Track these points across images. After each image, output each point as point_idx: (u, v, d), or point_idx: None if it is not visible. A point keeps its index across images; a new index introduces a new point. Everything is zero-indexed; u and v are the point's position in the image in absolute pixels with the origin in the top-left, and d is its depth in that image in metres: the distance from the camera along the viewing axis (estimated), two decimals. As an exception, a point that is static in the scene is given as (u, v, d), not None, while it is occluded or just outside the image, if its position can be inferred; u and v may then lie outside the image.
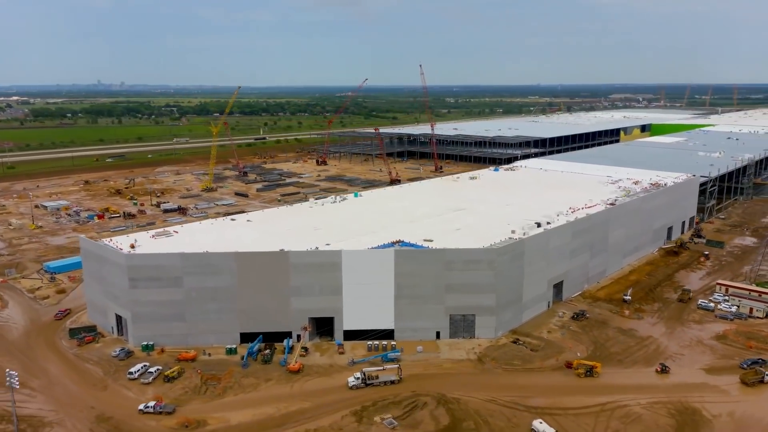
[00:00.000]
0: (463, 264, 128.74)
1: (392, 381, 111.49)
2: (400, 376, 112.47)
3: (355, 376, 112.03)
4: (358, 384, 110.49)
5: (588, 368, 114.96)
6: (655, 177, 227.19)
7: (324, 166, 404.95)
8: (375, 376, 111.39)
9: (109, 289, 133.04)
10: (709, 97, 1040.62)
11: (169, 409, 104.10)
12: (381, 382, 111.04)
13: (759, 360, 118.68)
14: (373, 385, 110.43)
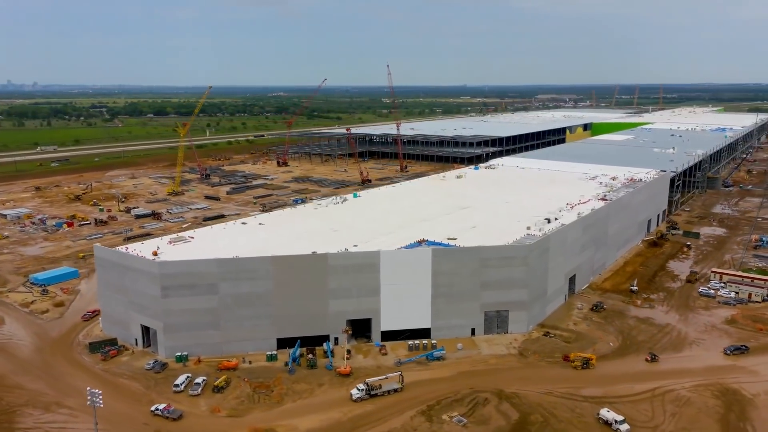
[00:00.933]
0: (497, 261, 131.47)
1: (395, 389, 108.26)
2: (402, 384, 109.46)
3: (359, 387, 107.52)
4: (362, 396, 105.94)
5: (584, 360, 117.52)
6: (627, 173, 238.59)
7: (286, 168, 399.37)
8: (378, 385, 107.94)
9: (134, 299, 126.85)
10: (636, 96, 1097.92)
11: (175, 415, 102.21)
12: (384, 392, 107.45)
13: (742, 346, 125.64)
14: (377, 396, 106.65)
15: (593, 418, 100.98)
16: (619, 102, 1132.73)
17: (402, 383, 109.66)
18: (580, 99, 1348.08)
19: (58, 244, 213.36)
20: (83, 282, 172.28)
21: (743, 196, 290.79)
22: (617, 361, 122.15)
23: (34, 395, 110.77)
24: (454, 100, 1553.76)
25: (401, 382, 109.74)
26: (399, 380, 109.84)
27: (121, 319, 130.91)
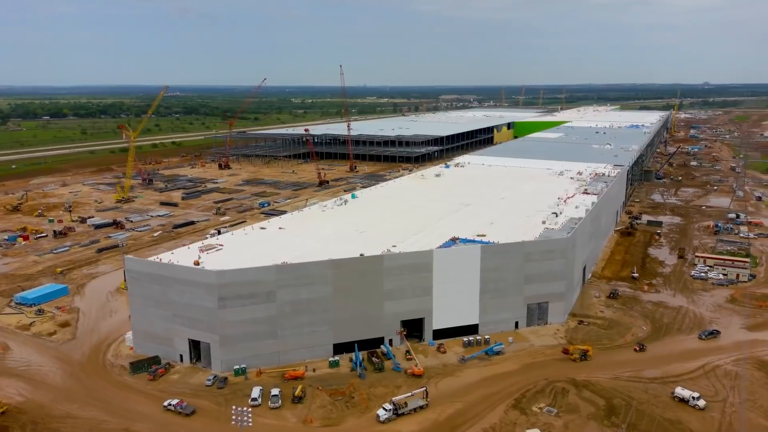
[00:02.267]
0: (540, 254, 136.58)
1: (420, 407, 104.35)
2: (427, 401, 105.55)
3: (385, 408, 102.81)
4: (389, 416, 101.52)
5: (582, 352, 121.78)
6: (587, 168, 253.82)
7: (229, 171, 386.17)
8: (404, 403, 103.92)
9: (181, 312, 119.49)
10: (541, 96, 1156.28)
11: (188, 410, 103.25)
12: (411, 410, 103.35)
13: (714, 330, 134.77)
14: (404, 415, 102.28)
15: (668, 397, 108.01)
16: (519, 102, 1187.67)
17: (427, 399, 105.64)
18: (483, 99, 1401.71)
19: (22, 259, 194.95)
20: (77, 299, 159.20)
21: (678, 187, 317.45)
22: (658, 343, 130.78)
23: (95, 424, 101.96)
24: (361, 100, 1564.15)
25: (426, 398, 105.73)
26: (423, 396, 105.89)
27: (162, 335, 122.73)
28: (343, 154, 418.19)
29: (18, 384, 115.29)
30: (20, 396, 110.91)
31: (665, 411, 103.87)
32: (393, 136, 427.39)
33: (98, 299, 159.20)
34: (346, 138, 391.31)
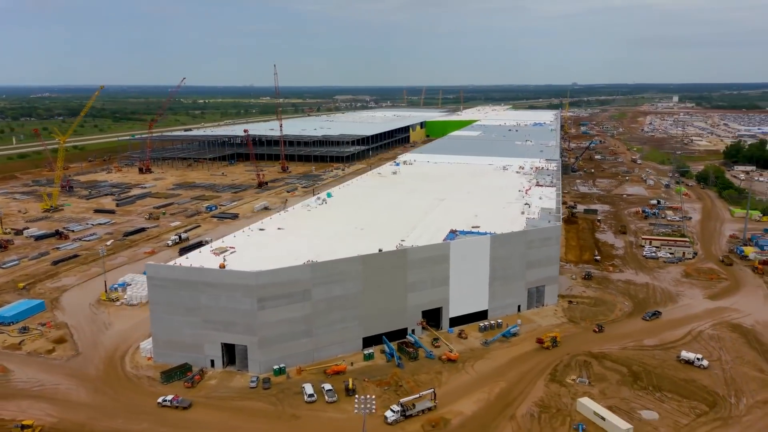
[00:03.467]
0: (539, 242, 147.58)
1: (429, 408, 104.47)
2: (435, 403, 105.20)
3: (393, 409, 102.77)
4: (397, 418, 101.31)
5: (552, 339, 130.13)
6: (524, 162, 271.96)
7: (151, 174, 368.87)
8: (412, 405, 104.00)
9: (214, 317, 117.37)
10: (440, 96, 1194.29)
11: (185, 404, 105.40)
12: (419, 411, 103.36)
13: (656, 311, 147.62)
14: (412, 416, 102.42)
15: (675, 360, 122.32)
16: (420, 102, 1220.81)
17: (435, 401, 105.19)
18: (379, 99, 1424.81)
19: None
20: (58, 314, 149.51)
21: (593, 179, 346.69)
22: (635, 321, 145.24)
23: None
24: (254, 100, 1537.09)
25: (434, 399, 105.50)
26: (432, 398, 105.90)
27: (188, 342, 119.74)
28: (270, 155, 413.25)
29: (40, 405, 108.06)
30: (50, 417, 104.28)
31: (677, 372, 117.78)
32: (320, 136, 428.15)
33: (82, 312, 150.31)
34: (277, 138, 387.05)
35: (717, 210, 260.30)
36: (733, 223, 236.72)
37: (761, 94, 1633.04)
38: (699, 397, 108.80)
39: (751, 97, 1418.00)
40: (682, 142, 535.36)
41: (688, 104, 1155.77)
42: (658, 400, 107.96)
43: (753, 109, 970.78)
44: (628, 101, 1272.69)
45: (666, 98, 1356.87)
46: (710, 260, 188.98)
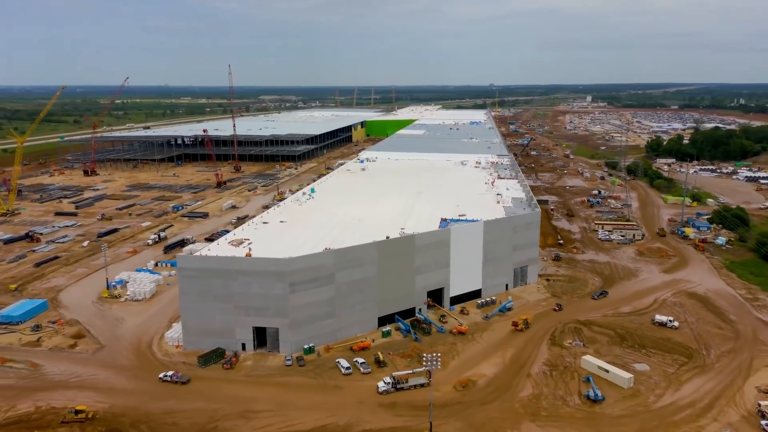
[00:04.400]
0: (523, 226, 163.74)
1: (422, 384, 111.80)
2: (429, 380, 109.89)
3: (385, 381, 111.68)
4: (388, 389, 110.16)
5: (524, 321, 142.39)
6: (480, 158, 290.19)
7: (97, 176, 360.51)
8: (405, 379, 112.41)
9: (246, 303, 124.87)
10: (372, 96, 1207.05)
11: (184, 379, 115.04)
12: (411, 386, 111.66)
13: (603, 291, 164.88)
14: (403, 389, 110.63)
15: (650, 323, 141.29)
16: (353, 102, 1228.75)
17: (429, 379, 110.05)
18: (307, 99, 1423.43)
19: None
20: (64, 312, 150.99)
21: (535, 173, 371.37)
22: (612, 290, 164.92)
23: (211, 412, 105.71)
24: (175, 100, 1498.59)
25: (428, 377, 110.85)
26: (426, 375, 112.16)
27: (219, 328, 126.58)
28: (220, 155, 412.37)
29: (86, 393, 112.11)
30: (100, 403, 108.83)
31: (654, 333, 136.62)
32: (269, 136, 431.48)
33: (88, 310, 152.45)
34: (224, 138, 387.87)
35: (651, 198, 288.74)
36: (667, 208, 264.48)
37: (662, 93, 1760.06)
38: (677, 351, 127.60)
39: (654, 97, 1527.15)
40: (604, 138, 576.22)
41: (601, 104, 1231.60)
42: (645, 355, 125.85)
43: (659, 108, 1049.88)
44: (546, 101, 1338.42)
45: (580, 98, 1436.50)
46: (657, 241, 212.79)
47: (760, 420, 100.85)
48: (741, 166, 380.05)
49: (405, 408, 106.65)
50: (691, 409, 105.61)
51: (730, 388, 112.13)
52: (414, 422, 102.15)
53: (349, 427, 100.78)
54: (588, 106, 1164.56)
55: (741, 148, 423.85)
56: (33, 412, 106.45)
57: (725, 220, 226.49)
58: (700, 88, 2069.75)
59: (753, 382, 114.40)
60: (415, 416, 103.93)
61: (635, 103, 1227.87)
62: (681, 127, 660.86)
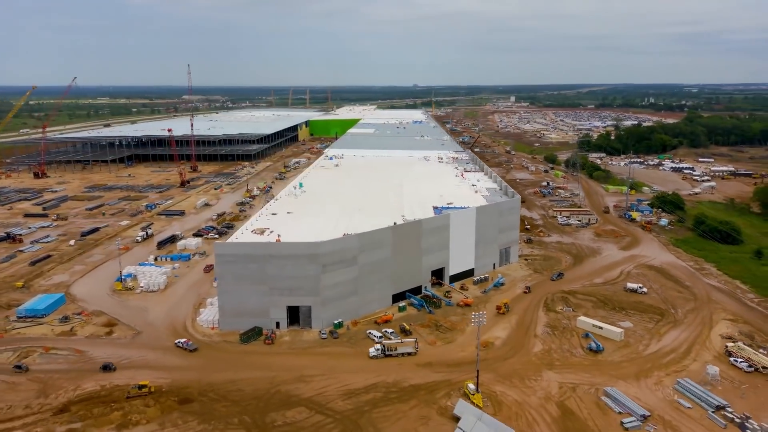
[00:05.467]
0: (506, 211, 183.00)
1: (409, 353, 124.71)
2: (416, 349, 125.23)
3: (376, 347, 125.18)
4: (378, 354, 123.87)
5: (505, 305, 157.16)
6: (440, 155, 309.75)
7: (50, 179, 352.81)
8: (394, 348, 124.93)
9: (280, 284, 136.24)
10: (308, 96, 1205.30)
11: (192, 347, 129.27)
12: (399, 354, 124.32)
13: (560, 273, 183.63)
14: (392, 356, 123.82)
15: (623, 290, 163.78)
16: (289, 102, 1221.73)
17: (416, 348, 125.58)
18: (235, 99, 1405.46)
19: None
20: (84, 305, 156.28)
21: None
22: (583, 266, 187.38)
23: (270, 378, 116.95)
24: (92, 101, 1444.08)
25: (416, 347, 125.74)
26: (414, 346, 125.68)
27: (255, 309, 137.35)
28: (173, 155, 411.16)
29: (143, 372, 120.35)
30: (161, 379, 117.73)
31: (628, 298, 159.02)
32: (221, 135, 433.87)
33: (108, 302, 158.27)
34: (177, 138, 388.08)
35: (594, 188, 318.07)
36: (609, 196, 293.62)
37: (576, 93, 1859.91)
38: (651, 311, 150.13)
39: (570, 97, 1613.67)
40: (536, 135, 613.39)
41: (524, 103, 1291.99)
42: (626, 315, 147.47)
43: (578, 107, 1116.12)
44: (471, 101, 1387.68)
45: (503, 98, 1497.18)
46: (609, 223, 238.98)
47: (729, 358, 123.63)
48: (664, 159, 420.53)
49: (439, 366, 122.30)
50: (674, 354, 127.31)
51: (700, 337, 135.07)
52: (450, 377, 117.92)
53: (397, 383, 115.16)
54: (512, 106, 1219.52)
55: (661, 142, 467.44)
56: (99, 390, 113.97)
57: (664, 205, 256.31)
58: (609, 88, 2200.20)
59: (716, 331, 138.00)
60: (449, 372, 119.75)
61: (555, 102, 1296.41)
62: (601, 124, 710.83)
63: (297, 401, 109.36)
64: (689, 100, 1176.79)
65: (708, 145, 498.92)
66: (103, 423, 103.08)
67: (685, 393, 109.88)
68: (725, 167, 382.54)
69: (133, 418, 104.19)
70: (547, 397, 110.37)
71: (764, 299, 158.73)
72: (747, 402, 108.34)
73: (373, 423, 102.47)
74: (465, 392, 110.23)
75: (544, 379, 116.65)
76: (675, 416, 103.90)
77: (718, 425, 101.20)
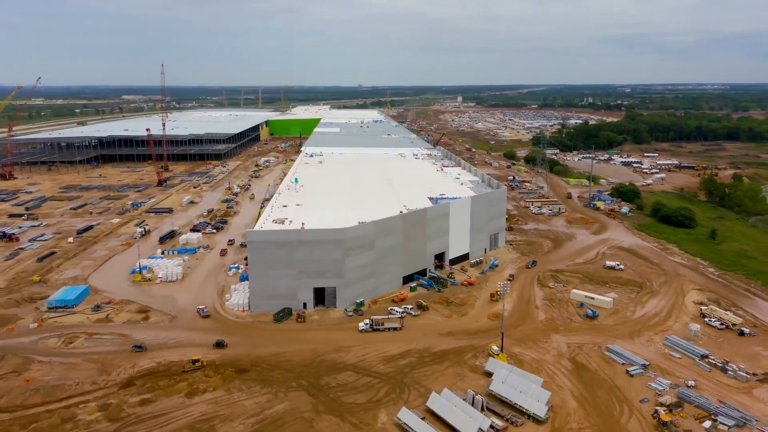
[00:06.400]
0: (495, 201, 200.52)
1: (395, 328, 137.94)
2: (402, 325, 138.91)
3: (365, 322, 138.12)
4: (366, 329, 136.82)
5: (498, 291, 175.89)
6: (415, 151, 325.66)
7: (15, 180, 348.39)
8: (381, 323, 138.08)
9: (308, 268, 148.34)
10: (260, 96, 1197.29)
11: (206, 313, 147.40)
12: (386, 328, 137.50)
13: (534, 261, 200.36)
14: (379, 330, 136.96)
15: (603, 268, 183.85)
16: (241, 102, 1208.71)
17: (401, 324, 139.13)
18: (182, 99, 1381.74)
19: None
20: (109, 295, 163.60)
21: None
22: (563, 249, 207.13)
23: (312, 349, 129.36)
24: (27, 101, 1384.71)
25: (401, 323, 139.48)
26: (399, 322, 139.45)
27: (284, 291, 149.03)
28: (140, 155, 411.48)
29: (193, 350, 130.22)
30: (211, 354, 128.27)
31: (608, 274, 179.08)
32: (187, 135, 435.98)
33: (131, 291, 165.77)
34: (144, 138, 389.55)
35: (556, 181, 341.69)
36: (572, 188, 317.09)
37: (517, 94, 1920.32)
38: (630, 284, 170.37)
39: (512, 97, 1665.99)
40: (490, 134, 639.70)
41: (471, 103, 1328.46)
42: (609, 288, 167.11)
43: (522, 107, 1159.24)
44: (420, 101, 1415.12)
45: (451, 98, 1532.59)
46: (577, 212, 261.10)
47: (704, 319, 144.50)
48: (612, 154, 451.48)
49: (460, 334, 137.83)
50: (657, 317, 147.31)
51: (677, 303, 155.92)
52: (472, 342, 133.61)
53: (428, 349, 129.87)
54: (460, 106, 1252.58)
55: (608, 139, 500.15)
56: (156, 366, 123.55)
57: (623, 195, 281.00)
58: (548, 89, 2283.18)
59: (689, 298, 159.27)
60: (470, 339, 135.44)
61: (499, 102, 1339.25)
62: (548, 123, 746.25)
63: (343, 367, 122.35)
64: (624, 100, 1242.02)
65: (650, 141, 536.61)
66: (172, 392, 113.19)
67: (674, 347, 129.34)
68: (669, 161, 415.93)
69: (199, 387, 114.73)
70: (559, 354, 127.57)
71: (723, 272, 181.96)
72: (724, 351, 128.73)
73: (416, 381, 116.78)
74: (489, 353, 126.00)
75: (553, 341, 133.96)
76: (669, 365, 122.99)
77: (704, 369, 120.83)
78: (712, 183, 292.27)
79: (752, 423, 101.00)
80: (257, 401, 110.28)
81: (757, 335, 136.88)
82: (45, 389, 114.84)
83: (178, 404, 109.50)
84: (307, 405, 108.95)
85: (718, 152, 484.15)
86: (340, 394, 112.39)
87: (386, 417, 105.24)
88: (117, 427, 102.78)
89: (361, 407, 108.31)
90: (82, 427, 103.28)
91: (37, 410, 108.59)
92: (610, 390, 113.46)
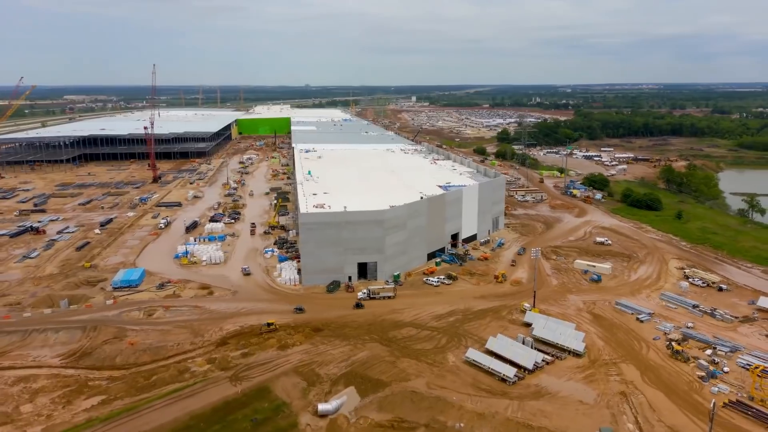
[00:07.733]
0: (497, 188, 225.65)
1: (389, 296, 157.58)
2: (395, 294, 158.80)
3: (363, 292, 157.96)
4: (364, 297, 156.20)
5: (503, 275, 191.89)
6: (400, 147, 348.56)
7: (4, 180, 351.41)
8: (377, 292, 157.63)
9: (353, 245, 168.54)
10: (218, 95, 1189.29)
11: (248, 271, 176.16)
12: (382, 297, 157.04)
13: (523, 248, 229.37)
14: (375, 299, 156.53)
15: (594, 244, 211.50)
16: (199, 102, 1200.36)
17: (395, 293, 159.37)
18: (130, 99, 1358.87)
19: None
20: (163, 276, 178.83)
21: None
22: (555, 229, 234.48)
23: (376, 314, 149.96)
24: None
25: (395, 292, 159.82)
26: (393, 290, 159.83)
27: (332, 267, 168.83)
28: (123, 154, 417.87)
29: (266, 316, 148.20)
30: (283, 319, 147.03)
31: (599, 248, 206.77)
32: (167, 133, 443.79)
33: (183, 272, 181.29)
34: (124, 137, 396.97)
35: (529, 173, 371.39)
36: (546, 179, 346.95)
37: (465, 94, 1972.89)
38: (620, 256, 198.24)
39: (460, 97, 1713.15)
40: (452, 132, 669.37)
41: (424, 103, 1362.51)
42: (604, 259, 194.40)
43: (474, 106, 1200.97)
44: (374, 101, 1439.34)
45: (405, 98, 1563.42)
46: (558, 199, 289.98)
47: (688, 279, 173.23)
48: (572, 149, 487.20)
49: (492, 297, 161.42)
50: (650, 279, 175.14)
51: (663, 268, 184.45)
52: (504, 302, 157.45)
53: (469, 309, 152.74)
54: (415, 105, 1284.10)
55: (566, 135, 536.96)
56: (240, 329, 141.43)
57: (594, 184, 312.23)
58: (494, 89, 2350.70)
59: (672, 264, 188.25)
60: (501, 300, 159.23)
61: (450, 102, 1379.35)
62: (503, 122, 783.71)
63: (403, 324, 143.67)
64: (568, 99, 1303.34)
65: (602, 138, 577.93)
66: (266, 347, 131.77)
67: (669, 300, 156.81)
68: (625, 154, 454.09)
69: (287, 342, 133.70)
70: (578, 309, 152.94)
71: (693, 245, 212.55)
72: (709, 302, 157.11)
73: (468, 332, 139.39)
74: (521, 310, 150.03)
75: (570, 300, 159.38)
76: (668, 313, 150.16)
77: (696, 315, 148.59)
78: (671, 172, 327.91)
79: (741, 349, 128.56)
80: (342, 350, 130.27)
81: (732, 290, 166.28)
82: (150, 350, 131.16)
83: (275, 356, 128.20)
84: (384, 352, 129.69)
85: (665, 146, 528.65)
86: (409, 344, 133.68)
87: (454, 358, 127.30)
88: (232, 373, 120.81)
89: (430, 352, 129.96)
90: (200, 375, 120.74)
91: (150, 366, 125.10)
92: (627, 332, 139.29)
